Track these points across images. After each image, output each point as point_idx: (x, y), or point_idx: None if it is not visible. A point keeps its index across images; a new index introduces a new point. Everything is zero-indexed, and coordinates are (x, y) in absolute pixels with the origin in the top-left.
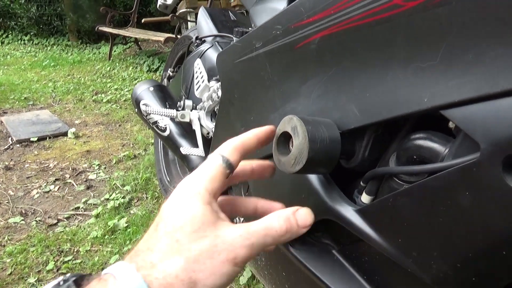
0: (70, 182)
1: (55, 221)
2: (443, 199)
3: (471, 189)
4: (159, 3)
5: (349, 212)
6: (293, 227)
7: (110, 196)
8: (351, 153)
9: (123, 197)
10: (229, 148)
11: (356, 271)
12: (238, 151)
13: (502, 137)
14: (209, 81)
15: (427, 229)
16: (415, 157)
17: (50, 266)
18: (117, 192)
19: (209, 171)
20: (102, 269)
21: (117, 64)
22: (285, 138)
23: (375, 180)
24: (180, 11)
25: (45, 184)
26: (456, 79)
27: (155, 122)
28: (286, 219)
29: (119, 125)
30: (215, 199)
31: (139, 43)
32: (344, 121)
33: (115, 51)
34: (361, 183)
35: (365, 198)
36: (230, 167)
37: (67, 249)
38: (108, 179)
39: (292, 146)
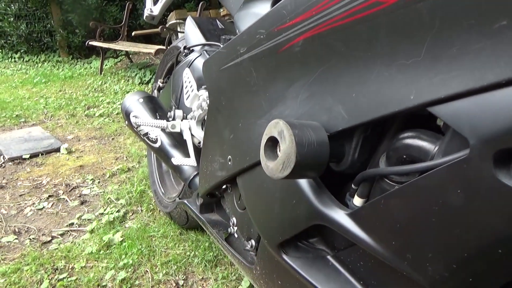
0: (63, 198)
1: (49, 239)
2: (435, 198)
3: (463, 187)
4: (145, 14)
5: (340, 216)
6: None
7: (104, 210)
8: (340, 155)
9: (118, 211)
10: None
11: (352, 276)
12: None
13: (491, 132)
14: (198, 90)
15: (420, 230)
16: (404, 156)
17: (45, 284)
18: (111, 206)
19: None
20: (98, 285)
21: (109, 77)
22: (273, 143)
23: (367, 182)
24: (170, 22)
25: (38, 201)
26: (441, 74)
27: (146, 134)
28: None
29: (112, 139)
30: None
31: (130, 56)
32: (331, 123)
33: (106, 65)
34: (353, 185)
35: (357, 200)
36: None
37: (61, 267)
38: (102, 193)
39: (279, 151)
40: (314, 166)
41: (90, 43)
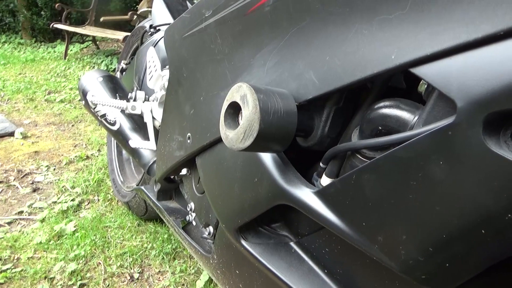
0: (14, 185)
1: None
2: (414, 172)
3: (447, 157)
4: None
5: (307, 194)
6: None
7: (58, 199)
8: (309, 129)
9: (72, 200)
10: None
11: (316, 264)
12: None
13: (483, 92)
14: (162, 70)
15: (395, 208)
16: (380, 128)
17: None
18: (66, 194)
19: None
20: (45, 278)
21: (73, 63)
22: (234, 110)
23: (336, 159)
24: (141, 10)
25: None
26: (428, 28)
27: (104, 115)
28: None
29: (72, 125)
30: None
31: (97, 42)
32: (301, 91)
33: (71, 50)
34: (321, 164)
35: (325, 180)
36: None
37: (6, 257)
38: (57, 181)
39: (241, 118)
40: (279, 138)
41: (55, 25)
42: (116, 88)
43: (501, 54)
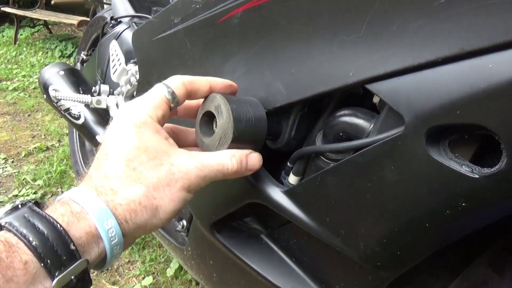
0: None
1: None
2: (370, 175)
3: (397, 163)
4: None
5: (276, 193)
6: (242, 169)
7: (19, 192)
8: (277, 133)
9: (35, 193)
10: (177, 81)
11: (285, 254)
12: (185, 87)
13: (425, 109)
14: (126, 64)
15: (354, 206)
16: (341, 134)
17: None
18: (27, 187)
19: (153, 99)
20: None
21: (25, 48)
22: (209, 118)
23: (302, 160)
24: None
25: None
26: (380, 51)
27: (68, 109)
28: (239, 160)
29: (28, 115)
30: (161, 127)
31: (50, 26)
32: (269, 99)
33: (21, 34)
34: (288, 164)
35: (292, 179)
36: (175, 100)
37: None
38: (16, 173)
39: (216, 126)
40: (251, 143)
41: (2, 9)
42: (78, 81)
43: (439, 77)
